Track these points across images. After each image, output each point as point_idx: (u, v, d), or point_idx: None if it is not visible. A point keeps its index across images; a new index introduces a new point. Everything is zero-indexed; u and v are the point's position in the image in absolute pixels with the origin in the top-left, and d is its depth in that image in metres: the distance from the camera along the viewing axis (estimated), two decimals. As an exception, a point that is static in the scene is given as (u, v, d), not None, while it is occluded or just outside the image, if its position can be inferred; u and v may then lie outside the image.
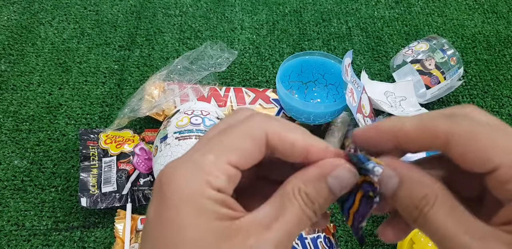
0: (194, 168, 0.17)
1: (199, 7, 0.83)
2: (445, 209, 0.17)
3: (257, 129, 0.18)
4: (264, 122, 0.18)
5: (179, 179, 0.17)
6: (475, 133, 0.17)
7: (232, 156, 0.17)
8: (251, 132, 0.18)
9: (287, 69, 0.61)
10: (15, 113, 0.64)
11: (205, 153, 0.18)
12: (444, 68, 0.65)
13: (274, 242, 0.17)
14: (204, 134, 0.20)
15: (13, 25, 0.77)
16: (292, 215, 0.17)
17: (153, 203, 0.17)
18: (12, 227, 0.53)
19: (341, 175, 0.18)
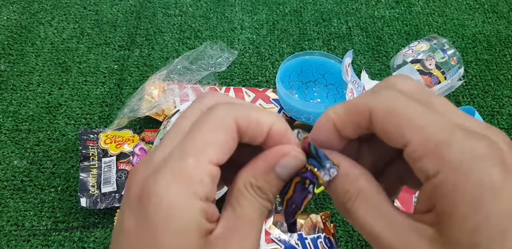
0: (176, 177, 0.16)
1: (199, 7, 0.83)
2: (366, 205, 0.17)
3: (226, 117, 0.17)
4: (230, 108, 0.18)
5: (161, 192, 0.16)
6: (392, 106, 0.16)
7: (211, 153, 0.17)
8: (222, 122, 0.17)
9: (287, 69, 0.61)
10: (15, 113, 0.64)
11: (183, 156, 0.16)
12: (444, 68, 0.65)
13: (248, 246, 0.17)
14: (172, 128, 0.18)
15: (13, 25, 0.77)
16: (252, 212, 0.17)
17: (132, 216, 0.16)
18: (11, 227, 0.53)
19: (288, 164, 0.18)
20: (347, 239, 0.54)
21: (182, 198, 0.16)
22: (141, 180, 0.16)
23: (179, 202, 0.16)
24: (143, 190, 0.16)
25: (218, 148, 0.17)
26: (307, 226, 0.50)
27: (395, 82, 0.18)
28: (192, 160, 0.16)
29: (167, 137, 0.18)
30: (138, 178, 0.17)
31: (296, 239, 0.49)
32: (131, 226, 0.16)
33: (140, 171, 0.17)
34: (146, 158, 0.18)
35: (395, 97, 0.17)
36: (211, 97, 0.19)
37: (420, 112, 0.16)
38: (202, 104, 0.19)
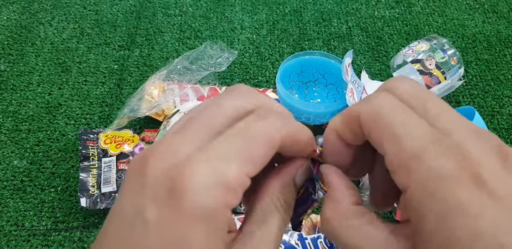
0: (217, 181, 0.15)
1: (199, 6, 0.82)
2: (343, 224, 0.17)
3: (275, 132, 0.16)
4: (281, 123, 0.17)
5: (199, 191, 0.15)
6: (377, 113, 0.16)
7: (251, 167, 0.16)
8: (269, 137, 0.16)
9: (287, 69, 0.61)
10: (15, 113, 0.64)
11: (227, 161, 0.15)
12: (444, 68, 0.65)
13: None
14: (203, 114, 0.17)
15: (13, 25, 0.77)
16: (275, 227, 0.18)
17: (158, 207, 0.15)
18: (11, 227, 0.53)
19: (303, 174, 0.20)
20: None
21: (218, 204, 0.15)
22: (168, 168, 0.15)
23: (215, 207, 0.15)
24: (174, 182, 0.15)
25: (258, 162, 0.16)
26: (307, 226, 0.50)
27: (392, 85, 0.17)
28: (235, 169, 0.15)
29: (193, 124, 0.16)
30: (162, 164, 0.15)
31: (296, 239, 0.49)
32: (157, 217, 0.15)
33: (166, 153, 0.16)
34: (165, 142, 0.16)
35: (384, 102, 0.16)
36: (250, 95, 0.18)
37: (402, 121, 0.16)
38: (242, 100, 0.18)
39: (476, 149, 0.14)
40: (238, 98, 0.18)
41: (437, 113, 0.16)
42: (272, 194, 0.18)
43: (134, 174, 0.16)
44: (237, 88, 0.19)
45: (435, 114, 0.16)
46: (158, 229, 0.14)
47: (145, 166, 0.15)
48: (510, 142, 0.65)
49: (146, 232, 0.15)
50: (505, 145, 0.15)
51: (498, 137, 0.16)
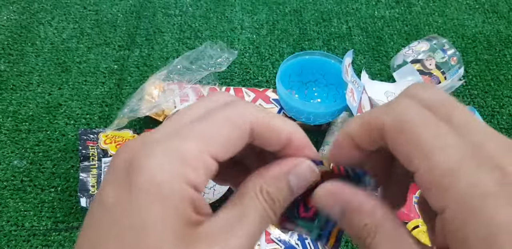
0: (172, 156, 0.15)
1: (199, 6, 0.82)
2: (387, 240, 0.16)
3: (242, 116, 0.16)
4: (249, 109, 0.17)
5: (153, 167, 0.14)
6: (404, 122, 0.15)
7: (213, 146, 0.15)
8: (235, 120, 0.16)
9: (287, 69, 0.61)
10: (15, 113, 0.64)
11: (184, 139, 0.15)
12: (444, 68, 0.65)
13: (236, 246, 0.15)
14: (175, 115, 0.17)
15: (13, 24, 0.77)
16: (254, 216, 0.16)
17: (115, 188, 0.15)
18: (11, 227, 0.53)
19: (302, 173, 0.18)
20: (347, 239, 0.54)
21: (174, 180, 0.14)
22: (132, 152, 0.15)
23: (171, 182, 0.14)
24: (132, 161, 0.15)
25: (223, 143, 0.16)
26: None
27: (415, 92, 0.16)
28: (193, 146, 0.15)
29: (170, 120, 0.17)
30: (128, 150, 0.15)
31: (296, 239, 0.49)
32: (113, 199, 0.14)
33: (132, 143, 0.16)
34: (142, 135, 0.16)
35: (409, 110, 0.15)
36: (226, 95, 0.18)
37: (431, 133, 0.14)
38: (216, 97, 0.18)
39: (511, 162, 0.13)
40: (208, 100, 0.18)
41: (465, 123, 0.15)
42: (254, 182, 0.17)
43: (111, 160, 0.16)
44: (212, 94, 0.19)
45: (463, 124, 0.15)
46: (114, 211, 0.14)
47: (117, 153, 0.16)
48: (510, 142, 0.65)
49: (103, 214, 0.14)
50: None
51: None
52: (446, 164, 0.14)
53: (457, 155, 0.14)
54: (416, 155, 0.14)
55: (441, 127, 0.15)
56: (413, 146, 0.15)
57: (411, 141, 0.15)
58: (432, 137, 0.14)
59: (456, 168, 0.13)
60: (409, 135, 0.15)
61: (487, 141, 0.14)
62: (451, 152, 0.14)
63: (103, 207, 0.15)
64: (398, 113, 0.15)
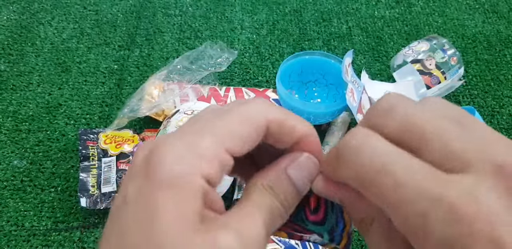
0: (189, 149, 0.15)
1: (199, 6, 0.82)
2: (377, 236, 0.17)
3: (258, 114, 0.17)
4: (265, 107, 0.17)
5: (171, 160, 0.15)
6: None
7: (229, 142, 0.16)
8: (251, 117, 0.17)
9: (287, 69, 0.61)
10: (15, 113, 0.64)
11: (201, 135, 0.16)
12: (444, 68, 0.65)
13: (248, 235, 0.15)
14: (195, 116, 0.17)
15: (13, 25, 0.77)
16: (266, 208, 0.16)
17: (136, 180, 0.15)
18: (11, 227, 0.53)
19: (301, 165, 0.18)
20: (347, 239, 0.54)
21: (188, 171, 0.15)
22: (150, 148, 0.15)
23: (186, 174, 0.15)
24: (151, 156, 0.15)
25: (238, 139, 0.16)
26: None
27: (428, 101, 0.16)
28: (209, 141, 0.15)
29: (189, 120, 0.17)
30: (147, 146, 0.16)
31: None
32: (134, 194, 0.15)
33: (150, 141, 0.16)
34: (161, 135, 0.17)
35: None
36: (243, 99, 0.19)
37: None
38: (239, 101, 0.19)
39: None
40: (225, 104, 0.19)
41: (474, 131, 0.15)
42: (259, 177, 0.18)
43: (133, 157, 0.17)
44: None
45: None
46: (135, 203, 0.15)
47: (138, 149, 0.17)
48: (510, 142, 0.65)
49: (125, 209, 0.15)
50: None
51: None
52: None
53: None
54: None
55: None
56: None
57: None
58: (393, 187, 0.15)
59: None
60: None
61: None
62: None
63: (125, 201, 0.15)
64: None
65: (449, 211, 0.12)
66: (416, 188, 0.13)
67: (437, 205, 0.13)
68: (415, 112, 0.16)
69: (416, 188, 0.13)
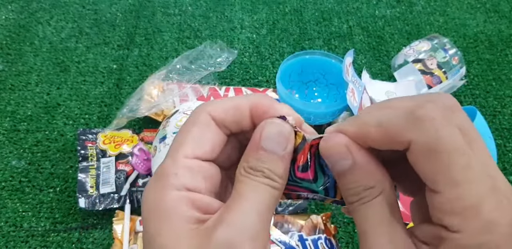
0: (157, 177, 0.17)
1: (199, 6, 0.82)
2: (380, 208, 0.17)
3: (199, 114, 0.18)
4: (203, 105, 0.18)
5: (147, 194, 0.17)
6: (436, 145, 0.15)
7: (186, 149, 0.17)
8: (195, 119, 0.18)
9: (287, 69, 0.61)
10: (13, 113, 0.64)
11: (165, 160, 0.18)
12: (446, 68, 0.65)
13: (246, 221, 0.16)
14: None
15: (11, 24, 0.76)
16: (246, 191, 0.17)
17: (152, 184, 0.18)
18: (10, 228, 0.53)
19: (270, 134, 0.18)
20: (348, 240, 0.53)
21: (159, 192, 0.17)
22: (143, 193, 0.19)
23: (158, 195, 0.17)
24: (142, 198, 0.18)
25: (194, 142, 0.18)
26: (308, 227, 0.50)
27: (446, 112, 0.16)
28: (168, 160, 0.17)
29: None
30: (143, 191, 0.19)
31: (296, 240, 0.48)
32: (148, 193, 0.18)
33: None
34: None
35: (444, 133, 0.15)
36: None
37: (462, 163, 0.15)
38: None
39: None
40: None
41: (483, 154, 0.16)
42: (238, 167, 0.18)
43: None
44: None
45: (481, 155, 0.16)
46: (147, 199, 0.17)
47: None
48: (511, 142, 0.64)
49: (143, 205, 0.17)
50: None
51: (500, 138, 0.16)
52: (471, 198, 0.15)
53: (483, 190, 0.15)
54: (444, 180, 0.15)
55: (473, 159, 0.15)
56: (443, 171, 0.15)
57: (442, 166, 0.15)
58: (462, 168, 0.15)
59: (480, 203, 0.15)
60: (441, 160, 0.15)
61: (499, 176, 0.16)
62: (478, 186, 0.15)
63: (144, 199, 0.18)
64: (432, 134, 0.15)
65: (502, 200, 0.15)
66: (483, 172, 0.15)
67: (495, 193, 0.15)
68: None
69: (484, 173, 0.15)
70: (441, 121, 0.15)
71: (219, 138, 0.18)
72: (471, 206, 0.15)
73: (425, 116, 0.16)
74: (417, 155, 0.16)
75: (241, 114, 0.18)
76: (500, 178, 0.16)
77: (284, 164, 0.18)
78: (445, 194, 0.15)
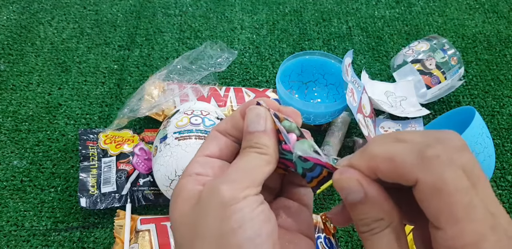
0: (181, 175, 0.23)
1: (199, 6, 0.82)
2: (390, 238, 0.18)
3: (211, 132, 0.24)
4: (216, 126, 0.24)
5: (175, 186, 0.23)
6: (442, 184, 0.16)
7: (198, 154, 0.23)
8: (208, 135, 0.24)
9: (287, 69, 0.61)
10: (15, 113, 0.64)
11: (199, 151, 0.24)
12: (444, 68, 0.65)
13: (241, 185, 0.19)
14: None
15: (13, 24, 0.77)
16: (245, 158, 0.21)
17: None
18: (11, 227, 0.53)
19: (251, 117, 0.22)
20: (347, 239, 0.54)
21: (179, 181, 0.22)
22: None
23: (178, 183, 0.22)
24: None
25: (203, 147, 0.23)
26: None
27: (452, 153, 0.17)
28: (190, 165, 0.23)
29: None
30: None
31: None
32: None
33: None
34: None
35: (449, 174, 0.16)
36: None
37: (465, 202, 0.16)
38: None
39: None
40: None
41: (486, 194, 0.17)
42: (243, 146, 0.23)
43: None
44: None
45: (485, 194, 0.17)
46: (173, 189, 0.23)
47: None
48: (510, 142, 0.65)
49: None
50: None
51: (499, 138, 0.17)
52: (472, 235, 0.16)
53: (484, 228, 0.16)
54: (446, 218, 0.16)
55: (473, 198, 0.16)
56: (446, 209, 0.16)
57: (445, 204, 0.16)
58: (464, 207, 0.16)
59: (481, 240, 0.16)
60: (445, 199, 0.16)
61: (501, 213, 0.17)
62: (479, 224, 0.16)
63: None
64: (438, 175, 0.16)
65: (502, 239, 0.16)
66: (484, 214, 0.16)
67: (496, 231, 0.16)
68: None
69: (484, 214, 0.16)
70: (448, 163, 0.17)
71: (224, 143, 0.23)
72: (471, 244, 0.16)
73: (433, 157, 0.17)
74: (423, 193, 0.17)
75: (236, 120, 0.23)
76: (502, 216, 0.17)
77: (267, 136, 0.21)
78: (447, 231, 0.16)
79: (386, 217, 0.18)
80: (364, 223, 0.19)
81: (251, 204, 0.18)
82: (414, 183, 0.17)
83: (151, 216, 0.52)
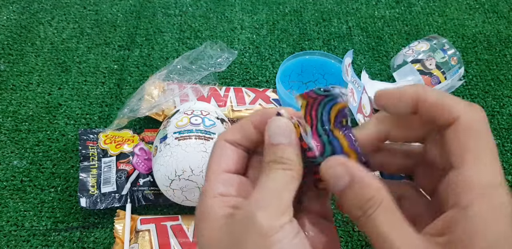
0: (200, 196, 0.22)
1: (199, 6, 0.82)
2: (386, 214, 0.18)
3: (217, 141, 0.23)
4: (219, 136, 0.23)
5: (196, 210, 0.22)
6: (479, 129, 0.18)
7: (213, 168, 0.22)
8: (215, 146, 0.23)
9: (287, 69, 0.61)
10: (14, 113, 0.64)
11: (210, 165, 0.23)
12: (444, 68, 0.65)
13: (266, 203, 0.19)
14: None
15: (12, 24, 0.77)
16: (271, 176, 0.20)
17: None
18: (11, 227, 0.53)
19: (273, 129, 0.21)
20: (347, 239, 0.54)
21: (202, 205, 0.21)
22: None
23: (201, 206, 0.21)
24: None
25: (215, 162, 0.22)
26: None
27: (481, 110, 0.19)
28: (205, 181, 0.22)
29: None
30: None
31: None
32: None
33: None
34: None
35: (487, 121, 0.19)
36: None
37: (493, 148, 0.18)
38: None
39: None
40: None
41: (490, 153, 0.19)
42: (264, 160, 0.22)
43: None
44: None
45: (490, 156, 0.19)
46: (196, 213, 0.22)
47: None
48: (510, 142, 0.65)
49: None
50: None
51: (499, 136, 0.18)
52: (491, 180, 0.17)
53: (499, 175, 0.18)
54: (474, 156, 0.18)
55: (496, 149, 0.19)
56: (478, 148, 0.18)
57: (478, 143, 0.18)
58: (493, 152, 0.18)
59: (495, 184, 0.17)
60: (483, 137, 0.18)
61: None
62: (497, 171, 0.18)
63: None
64: (480, 117, 0.19)
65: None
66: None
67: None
68: None
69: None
70: (478, 108, 0.19)
71: (236, 155, 0.23)
72: (488, 185, 0.17)
73: (476, 105, 0.19)
74: (458, 131, 0.18)
75: (246, 130, 0.23)
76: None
77: (292, 149, 0.21)
78: (471, 168, 0.18)
79: (376, 194, 0.19)
80: (357, 207, 0.19)
81: (288, 235, 0.19)
82: (452, 121, 0.18)
83: (151, 216, 0.52)
